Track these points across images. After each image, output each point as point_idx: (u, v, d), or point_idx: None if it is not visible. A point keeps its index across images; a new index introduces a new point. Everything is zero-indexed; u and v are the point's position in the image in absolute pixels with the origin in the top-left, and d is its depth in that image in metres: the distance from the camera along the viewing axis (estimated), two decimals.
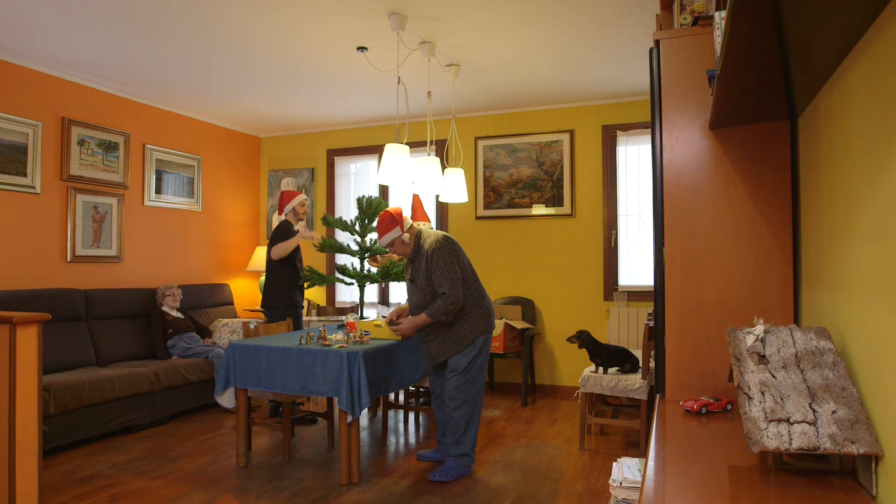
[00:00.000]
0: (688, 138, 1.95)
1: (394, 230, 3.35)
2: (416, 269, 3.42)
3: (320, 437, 4.27)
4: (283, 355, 3.41)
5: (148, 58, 4.45)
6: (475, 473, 3.50)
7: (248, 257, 6.70)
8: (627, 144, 5.48)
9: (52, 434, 3.75)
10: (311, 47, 4.22)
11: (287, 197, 4.71)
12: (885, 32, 1.02)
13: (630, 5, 3.55)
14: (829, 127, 1.42)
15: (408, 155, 3.99)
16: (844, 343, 1.34)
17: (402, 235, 3.38)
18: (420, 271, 3.37)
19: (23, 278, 4.54)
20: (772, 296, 1.85)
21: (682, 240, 1.95)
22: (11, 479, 2.50)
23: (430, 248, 3.35)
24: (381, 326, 3.75)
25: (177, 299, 5.21)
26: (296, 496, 3.18)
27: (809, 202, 1.69)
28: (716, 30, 1.58)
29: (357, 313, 4.87)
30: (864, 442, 1.10)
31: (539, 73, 4.79)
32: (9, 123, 4.43)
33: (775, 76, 1.38)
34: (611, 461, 3.71)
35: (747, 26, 1.07)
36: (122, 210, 5.29)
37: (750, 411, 1.22)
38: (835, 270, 1.41)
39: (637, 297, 5.29)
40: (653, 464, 1.32)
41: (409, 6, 3.58)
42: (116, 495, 3.19)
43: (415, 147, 5.52)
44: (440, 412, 3.60)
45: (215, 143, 6.37)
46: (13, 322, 2.51)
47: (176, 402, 4.70)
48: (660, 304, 1.97)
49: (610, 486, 1.98)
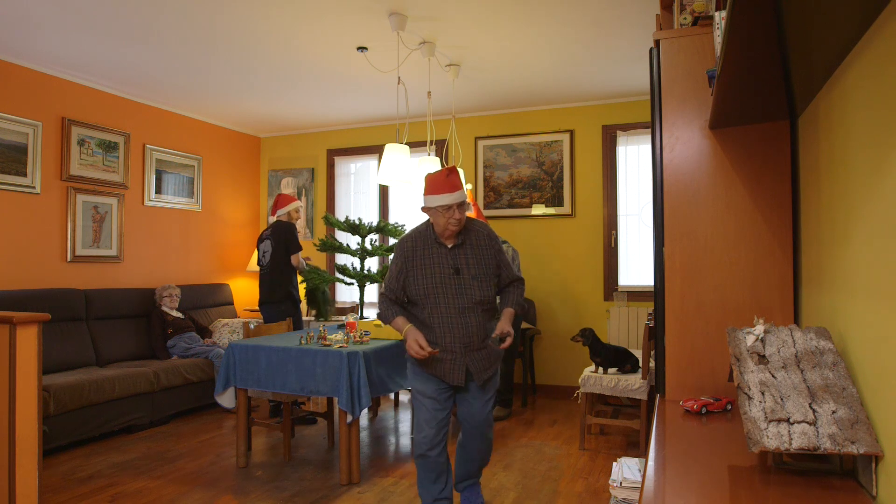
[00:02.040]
0: (688, 138, 1.95)
1: (464, 189, 2.70)
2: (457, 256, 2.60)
3: (320, 437, 4.27)
4: (283, 355, 3.41)
5: (148, 58, 4.45)
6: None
7: (248, 257, 6.70)
8: (627, 144, 5.48)
9: (52, 434, 3.75)
10: (311, 47, 4.22)
11: (283, 200, 4.76)
12: (885, 32, 1.02)
13: (630, 5, 3.55)
14: (829, 127, 1.42)
15: (408, 155, 3.99)
16: (844, 343, 1.34)
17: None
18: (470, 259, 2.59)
19: (23, 278, 4.54)
20: (772, 296, 1.85)
21: (682, 240, 1.95)
22: (11, 479, 2.50)
23: (489, 233, 2.70)
24: (381, 326, 3.75)
25: (175, 299, 5.22)
26: (296, 496, 3.18)
27: (809, 202, 1.69)
28: (716, 30, 1.58)
29: (357, 313, 4.87)
30: (864, 442, 1.10)
31: (539, 73, 4.79)
32: (9, 123, 4.43)
33: (775, 76, 1.38)
34: (611, 461, 3.71)
35: (747, 26, 1.07)
36: (122, 210, 5.29)
37: (750, 411, 1.22)
38: (835, 270, 1.41)
39: (637, 297, 5.28)
40: (653, 464, 1.32)
41: (409, 6, 3.58)
42: (116, 495, 3.19)
43: (415, 147, 5.52)
44: (470, 445, 2.80)
45: (215, 143, 6.37)
46: (13, 322, 2.51)
47: (176, 402, 4.70)
48: (660, 304, 1.97)
49: (610, 486, 1.98)
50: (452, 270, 2.56)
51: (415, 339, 2.50)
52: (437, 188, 2.52)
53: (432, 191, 2.53)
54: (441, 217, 2.52)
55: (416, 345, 2.48)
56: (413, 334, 2.52)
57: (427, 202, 2.56)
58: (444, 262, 2.57)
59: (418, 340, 2.49)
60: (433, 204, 2.52)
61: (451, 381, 2.61)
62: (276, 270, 4.61)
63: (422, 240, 2.62)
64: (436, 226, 2.58)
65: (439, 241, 2.60)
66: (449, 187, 2.49)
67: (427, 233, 2.63)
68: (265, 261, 4.67)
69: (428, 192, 2.55)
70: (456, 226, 2.53)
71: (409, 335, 2.53)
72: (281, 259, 4.61)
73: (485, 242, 2.65)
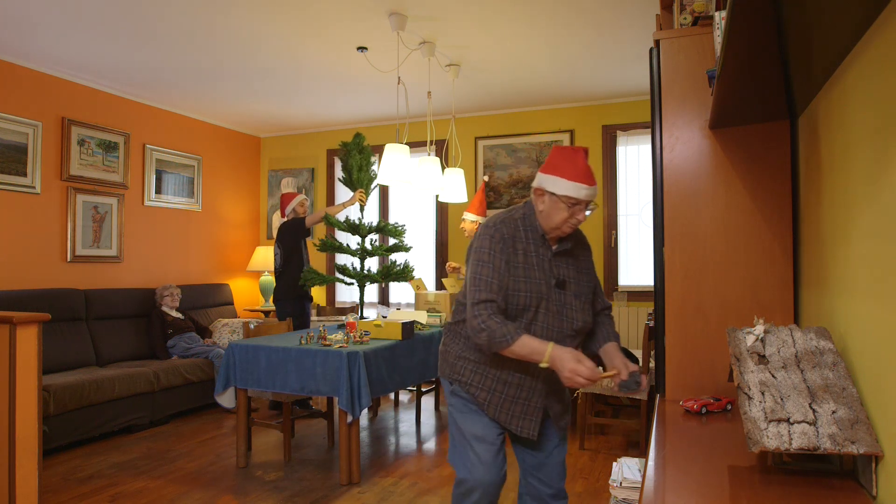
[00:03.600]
0: (688, 138, 1.95)
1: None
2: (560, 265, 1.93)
3: (320, 437, 4.27)
4: (283, 355, 3.41)
5: (148, 58, 4.45)
6: None
7: (248, 257, 6.70)
8: (627, 144, 5.48)
9: (52, 434, 3.75)
10: (311, 47, 4.22)
11: (286, 199, 4.99)
12: (885, 32, 1.02)
13: (630, 5, 3.55)
14: (829, 127, 1.42)
15: (408, 155, 3.99)
16: (844, 343, 1.34)
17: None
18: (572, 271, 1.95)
19: (23, 278, 4.54)
20: (772, 296, 1.85)
21: (682, 240, 1.94)
22: (11, 479, 2.50)
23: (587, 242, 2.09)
24: (381, 326, 3.75)
25: (176, 299, 5.22)
26: (296, 496, 3.18)
27: (809, 202, 1.69)
28: (716, 30, 1.58)
29: (357, 313, 4.87)
30: (864, 442, 1.10)
31: (539, 73, 4.79)
32: (9, 123, 4.43)
33: (775, 76, 1.38)
34: (611, 461, 3.71)
35: (747, 26, 1.07)
36: (122, 210, 5.29)
37: (750, 411, 1.22)
38: (835, 270, 1.41)
39: (637, 297, 5.28)
40: (653, 464, 1.32)
41: (409, 6, 3.58)
42: (116, 495, 3.19)
43: (415, 147, 5.52)
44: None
45: (215, 143, 6.37)
46: (13, 322, 2.51)
47: (176, 402, 4.70)
48: (660, 304, 1.97)
49: (610, 486, 1.98)
50: (556, 282, 1.88)
51: (577, 359, 1.69)
52: (570, 171, 1.82)
53: (563, 172, 1.83)
54: (561, 211, 1.82)
55: (586, 368, 1.67)
56: (572, 355, 1.70)
57: (548, 184, 1.83)
58: (547, 268, 1.88)
59: (583, 361, 1.69)
60: (558, 190, 1.81)
61: (518, 429, 1.91)
62: (286, 271, 4.79)
63: (524, 230, 1.89)
64: (545, 218, 1.86)
65: (546, 238, 1.90)
66: (586, 176, 1.83)
67: (530, 222, 1.90)
68: (277, 263, 4.88)
69: (554, 170, 1.84)
70: (572, 228, 1.88)
71: (566, 357, 1.70)
72: (288, 259, 4.79)
73: (586, 254, 2.02)
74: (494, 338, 1.75)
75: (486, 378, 1.91)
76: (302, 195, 5.02)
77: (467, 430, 1.95)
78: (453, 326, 2.03)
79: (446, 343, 2.05)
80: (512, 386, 1.89)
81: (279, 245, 4.86)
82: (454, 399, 2.00)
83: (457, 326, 2.00)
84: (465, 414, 1.96)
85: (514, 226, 1.88)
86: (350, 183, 4.39)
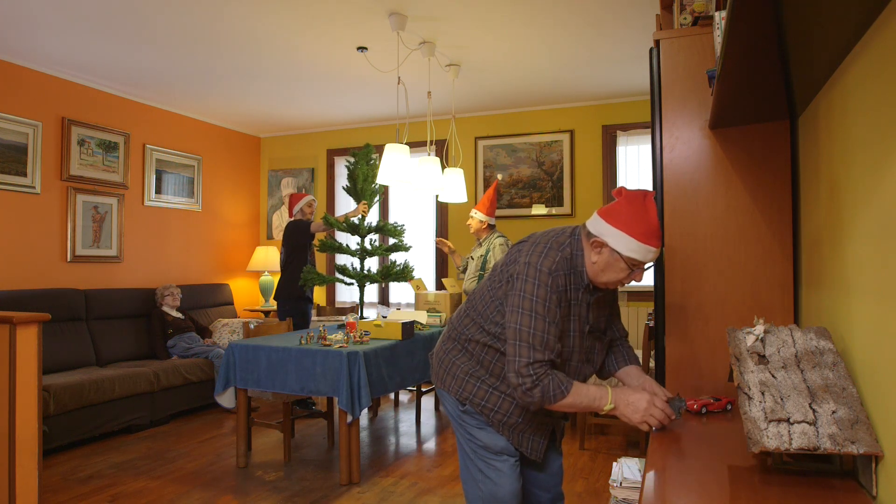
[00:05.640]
0: (688, 138, 1.95)
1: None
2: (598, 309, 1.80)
3: (320, 437, 4.27)
4: (283, 355, 3.41)
5: (148, 58, 4.45)
6: None
7: (248, 257, 6.70)
8: (627, 144, 5.48)
9: (52, 434, 3.75)
10: (311, 47, 4.22)
11: (294, 199, 5.06)
12: (885, 32, 1.02)
13: (630, 5, 3.55)
14: (829, 127, 1.42)
15: (408, 155, 3.99)
16: (844, 343, 1.34)
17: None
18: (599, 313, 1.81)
19: (23, 278, 4.54)
20: (772, 296, 1.85)
21: (682, 240, 1.95)
22: (11, 479, 2.50)
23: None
24: (381, 326, 3.75)
25: (176, 299, 5.22)
26: (296, 496, 3.18)
27: (809, 202, 1.69)
28: (716, 30, 1.58)
29: (357, 313, 4.87)
30: (864, 442, 1.10)
31: (539, 73, 4.79)
32: (9, 123, 4.43)
33: (775, 76, 1.38)
34: (611, 461, 3.71)
35: (747, 26, 1.07)
36: (122, 210, 5.29)
37: (750, 411, 1.22)
38: (835, 270, 1.41)
39: (637, 297, 5.28)
40: (653, 464, 1.32)
41: (409, 6, 3.58)
42: (116, 495, 3.19)
43: (415, 147, 5.52)
44: None
45: (215, 143, 6.37)
46: (13, 322, 2.51)
47: (176, 402, 4.70)
48: (660, 304, 1.97)
49: (610, 486, 1.98)
50: (589, 328, 1.76)
51: (650, 402, 1.58)
52: (639, 229, 1.59)
53: (631, 228, 1.59)
54: (620, 271, 1.63)
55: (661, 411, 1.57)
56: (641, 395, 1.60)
57: (611, 238, 1.61)
58: (584, 315, 1.74)
59: (656, 403, 1.58)
60: (622, 249, 1.59)
61: (528, 451, 1.88)
62: (287, 271, 4.86)
63: (574, 276, 1.69)
64: (597, 272, 1.66)
65: (590, 284, 1.71)
66: (657, 237, 1.60)
67: (577, 266, 1.69)
68: (281, 261, 5.00)
69: (620, 223, 1.60)
70: (622, 286, 1.73)
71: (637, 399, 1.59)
72: (289, 259, 4.87)
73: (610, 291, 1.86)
74: (547, 393, 1.59)
75: (502, 401, 1.82)
76: (310, 196, 5.08)
77: (492, 445, 1.87)
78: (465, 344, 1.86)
79: (452, 356, 1.89)
80: (528, 410, 1.81)
81: (283, 244, 4.96)
82: (468, 418, 1.89)
83: (469, 345, 1.84)
84: (484, 430, 1.87)
85: (568, 269, 1.68)
86: (354, 192, 4.39)
